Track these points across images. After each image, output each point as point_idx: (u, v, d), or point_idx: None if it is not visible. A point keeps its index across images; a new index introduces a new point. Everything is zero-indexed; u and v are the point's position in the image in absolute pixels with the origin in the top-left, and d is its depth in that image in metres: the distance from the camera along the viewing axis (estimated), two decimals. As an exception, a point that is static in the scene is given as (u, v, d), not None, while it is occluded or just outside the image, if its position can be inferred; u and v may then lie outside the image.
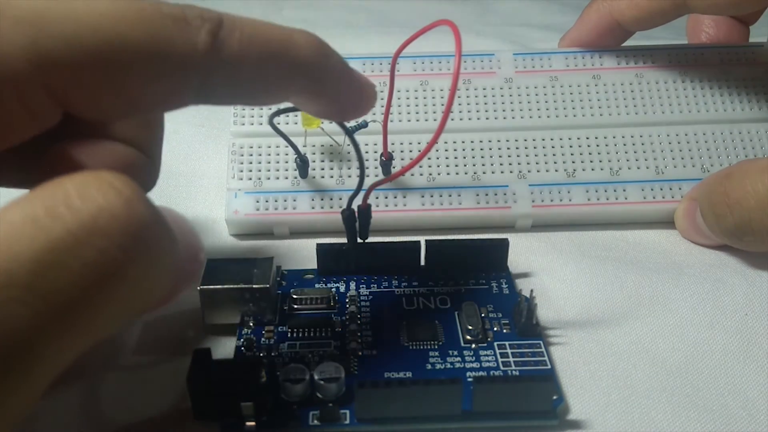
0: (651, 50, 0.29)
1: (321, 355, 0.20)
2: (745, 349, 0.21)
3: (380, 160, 0.26)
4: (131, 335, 0.21)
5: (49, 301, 0.12)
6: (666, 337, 0.21)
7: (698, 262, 0.25)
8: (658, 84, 0.29)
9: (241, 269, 0.21)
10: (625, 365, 0.20)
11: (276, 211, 0.26)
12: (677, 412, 0.19)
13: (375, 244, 0.23)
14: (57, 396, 0.19)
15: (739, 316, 0.22)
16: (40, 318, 0.12)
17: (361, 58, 0.29)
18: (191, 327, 0.22)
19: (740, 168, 0.23)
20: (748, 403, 0.19)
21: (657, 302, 0.23)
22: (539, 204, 0.26)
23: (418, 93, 0.28)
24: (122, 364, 0.20)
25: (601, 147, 0.27)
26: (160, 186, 0.29)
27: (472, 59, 0.29)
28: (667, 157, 0.27)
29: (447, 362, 0.20)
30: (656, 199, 0.26)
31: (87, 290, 0.13)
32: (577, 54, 0.29)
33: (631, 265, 0.25)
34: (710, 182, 0.24)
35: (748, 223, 0.22)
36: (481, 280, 0.23)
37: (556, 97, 0.28)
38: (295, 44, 0.17)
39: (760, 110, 0.28)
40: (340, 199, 0.26)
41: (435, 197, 0.26)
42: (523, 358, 0.20)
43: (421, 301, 0.22)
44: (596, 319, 0.22)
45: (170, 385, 0.19)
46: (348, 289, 0.23)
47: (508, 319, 0.21)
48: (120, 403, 0.19)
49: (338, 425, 0.18)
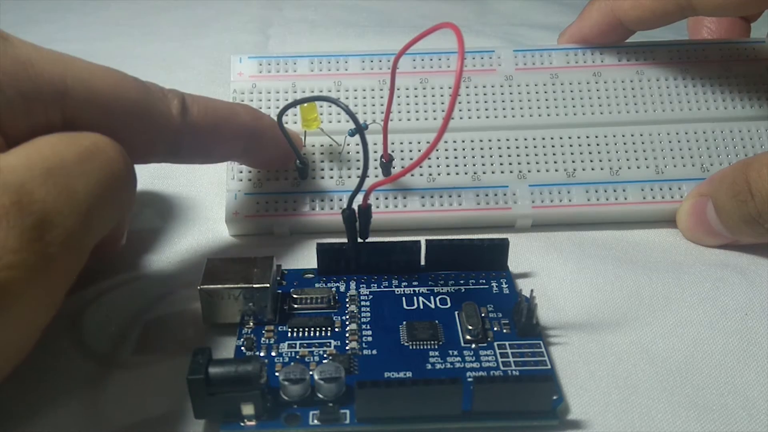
0: (652, 47, 0.29)
1: (321, 354, 0.20)
2: (745, 348, 0.21)
3: (380, 162, 0.26)
4: (131, 334, 0.21)
5: None
6: (666, 337, 0.21)
7: (698, 262, 0.25)
8: (659, 81, 0.29)
9: (241, 269, 0.21)
10: (625, 365, 0.20)
11: (276, 213, 0.26)
12: (677, 411, 0.19)
13: (375, 243, 0.23)
14: (57, 396, 0.19)
15: (739, 315, 0.22)
16: None
17: (361, 55, 0.29)
18: (191, 326, 0.22)
19: (759, 157, 0.24)
20: (748, 403, 0.19)
21: (657, 302, 0.23)
22: (539, 204, 0.26)
23: (417, 91, 0.28)
24: (122, 364, 0.20)
25: (601, 146, 0.27)
26: (161, 187, 0.29)
27: (472, 56, 0.29)
28: (667, 157, 0.27)
29: (447, 362, 0.20)
30: (656, 199, 0.26)
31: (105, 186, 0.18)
32: (578, 51, 0.29)
33: (631, 264, 0.25)
34: (727, 173, 0.24)
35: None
36: (481, 279, 0.23)
37: (556, 94, 0.28)
38: (237, 113, 0.23)
39: (761, 108, 0.28)
40: (340, 200, 0.26)
41: (435, 198, 0.26)
42: (523, 358, 0.20)
43: (421, 300, 0.22)
44: (596, 319, 0.22)
45: (170, 384, 0.19)
46: (348, 288, 0.23)
47: (508, 319, 0.21)
48: (120, 402, 0.19)
49: (338, 425, 0.18)
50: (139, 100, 0.20)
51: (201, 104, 0.22)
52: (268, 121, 0.25)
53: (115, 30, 0.48)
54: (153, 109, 0.21)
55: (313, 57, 0.29)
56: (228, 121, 0.23)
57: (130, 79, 0.21)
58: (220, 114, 0.23)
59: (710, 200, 0.25)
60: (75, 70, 0.19)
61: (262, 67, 0.29)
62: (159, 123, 0.21)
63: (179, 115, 0.21)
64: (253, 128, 0.24)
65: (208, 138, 0.22)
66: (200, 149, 0.23)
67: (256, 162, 0.26)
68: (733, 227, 0.24)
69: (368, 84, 0.28)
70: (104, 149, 0.18)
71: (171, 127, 0.21)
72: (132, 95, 0.20)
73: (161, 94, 0.21)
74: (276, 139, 0.25)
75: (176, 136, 0.21)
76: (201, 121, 0.22)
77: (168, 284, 0.24)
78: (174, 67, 0.41)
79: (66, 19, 0.50)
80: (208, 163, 0.25)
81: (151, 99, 0.21)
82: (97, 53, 0.19)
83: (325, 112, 0.28)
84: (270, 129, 0.24)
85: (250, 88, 0.28)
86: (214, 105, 0.23)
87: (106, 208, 0.18)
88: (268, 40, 0.46)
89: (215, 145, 0.23)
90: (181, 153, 0.22)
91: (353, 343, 0.21)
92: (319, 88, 0.28)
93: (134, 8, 0.52)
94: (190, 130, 0.22)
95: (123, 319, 0.22)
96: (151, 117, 0.21)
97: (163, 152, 0.22)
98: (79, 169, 0.17)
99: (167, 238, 0.26)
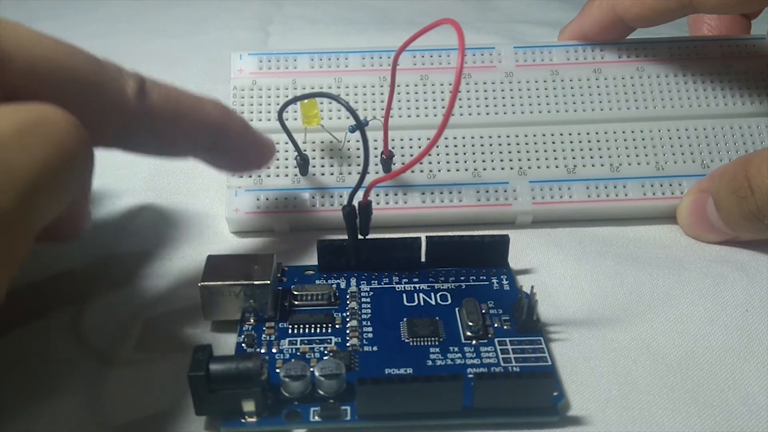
0: (652, 43, 0.29)
1: (322, 351, 0.20)
2: (745, 344, 0.21)
3: (380, 158, 0.26)
4: (132, 331, 0.21)
5: None
6: (666, 332, 0.21)
7: (699, 258, 0.25)
8: (659, 78, 0.29)
9: (242, 265, 0.21)
10: (625, 361, 0.20)
11: (276, 209, 0.26)
12: (678, 407, 0.19)
13: (376, 240, 0.23)
14: (58, 393, 0.19)
15: (739, 311, 0.22)
16: None
17: (361, 52, 0.29)
18: (192, 323, 0.22)
19: (759, 153, 0.24)
20: (748, 399, 0.19)
21: (657, 298, 0.23)
22: (540, 201, 0.26)
23: (417, 88, 0.28)
24: (123, 361, 0.20)
25: (602, 143, 0.27)
26: (161, 183, 0.29)
27: (473, 53, 0.29)
28: (667, 153, 0.27)
29: (447, 358, 0.20)
30: (656, 195, 0.26)
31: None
32: (578, 47, 0.29)
33: (631, 260, 0.25)
34: (728, 169, 0.24)
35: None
36: (481, 276, 0.23)
37: (556, 91, 0.28)
38: (203, 106, 0.21)
39: (761, 104, 0.28)
40: (340, 197, 0.26)
41: (435, 194, 0.26)
42: (524, 355, 0.20)
43: (422, 297, 0.22)
44: (597, 315, 0.22)
45: (171, 381, 0.19)
46: (349, 285, 0.23)
47: (509, 316, 0.21)
48: (121, 399, 0.19)
49: (339, 421, 0.18)
50: (90, 73, 0.18)
51: (163, 90, 0.20)
52: (237, 119, 0.23)
53: (114, 27, 0.48)
54: (105, 86, 0.19)
55: (313, 54, 0.29)
56: (191, 112, 0.21)
57: (83, 52, 0.19)
58: (183, 103, 0.21)
59: (710, 196, 0.25)
60: (16, 36, 0.17)
61: (262, 63, 0.29)
62: (110, 101, 0.19)
63: (135, 96, 0.19)
64: (219, 123, 0.22)
65: (166, 127, 0.21)
66: (156, 138, 0.21)
67: (222, 163, 0.24)
68: (733, 223, 0.24)
69: (368, 81, 0.28)
70: (53, 120, 0.16)
71: (124, 107, 0.19)
72: (82, 68, 0.18)
73: (117, 73, 0.19)
74: (245, 140, 0.23)
75: (129, 119, 0.19)
76: (160, 107, 0.20)
77: (168, 281, 0.24)
78: (174, 64, 0.41)
79: (66, 16, 0.50)
80: (166, 156, 0.23)
81: (104, 75, 0.19)
82: (97, 50, 0.19)
83: (326, 108, 0.28)
84: (238, 126, 0.22)
85: (250, 85, 0.28)
86: (177, 93, 0.21)
87: (55, 187, 0.16)
88: (269, 36, 0.46)
89: (174, 137, 0.21)
90: (135, 140, 0.21)
91: (354, 340, 0.21)
92: (319, 85, 0.28)
93: (134, 5, 0.52)
94: (146, 116, 0.20)
95: (123, 316, 0.22)
96: (102, 94, 0.19)
97: (112, 136, 0.20)
98: (18, 143, 0.15)
99: (168, 234, 0.26)
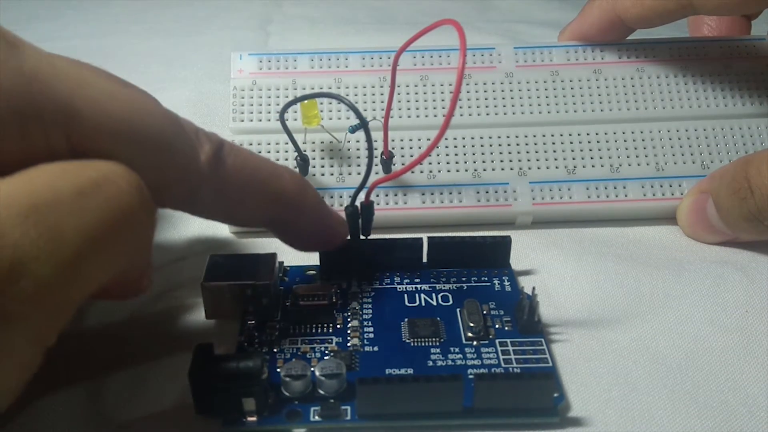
0: (652, 44, 0.29)
1: (322, 351, 0.20)
2: (745, 345, 0.21)
3: (380, 159, 0.26)
4: (133, 330, 0.21)
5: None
6: (666, 334, 0.21)
7: (699, 259, 0.25)
8: (659, 78, 0.29)
9: (244, 265, 0.21)
10: (625, 362, 0.20)
11: (277, 208, 0.26)
12: (678, 408, 0.19)
13: (377, 240, 0.23)
14: (59, 392, 0.19)
15: (739, 312, 0.22)
16: None
17: (361, 52, 0.29)
18: (193, 322, 0.22)
19: (759, 154, 0.24)
20: (748, 400, 0.19)
21: (657, 299, 0.23)
22: (540, 201, 0.26)
23: (418, 88, 0.28)
24: (124, 360, 0.20)
25: (602, 144, 0.27)
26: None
27: (473, 53, 0.29)
28: (667, 154, 0.27)
29: (448, 359, 0.20)
30: (656, 196, 0.26)
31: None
32: (578, 48, 0.29)
33: (631, 262, 0.25)
34: (728, 170, 0.24)
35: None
36: (483, 277, 0.23)
37: (557, 92, 0.28)
38: (280, 176, 0.20)
39: (761, 105, 0.28)
40: (340, 197, 0.26)
41: (435, 195, 0.26)
42: (525, 356, 0.20)
43: (423, 297, 0.22)
44: (597, 317, 0.22)
45: (172, 380, 0.19)
46: (350, 285, 0.23)
47: (510, 317, 0.21)
48: (121, 398, 0.19)
49: (339, 421, 0.18)
50: (165, 135, 0.17)
51: (239, 158, 0.19)
52: (313, 193, 0.21)
53: (114, 27, 0.48)
54: (178, 150, 0.17)
55: (313, 54, 0.29)
56: (266, 183, 0.20)
57: (162, 110, 0.17)
58: (259, 173, 0.19)
59: (710, 197, 0.25)
60: (89, 89, 0.16)
61: (262, 64, 0.29)
62: (181, 165, 0.18)
63: (208, 163, 0.18)
64: (293, 198, 0.20)
65: (237, 196, 0.19)
66: (226, 207, 0.19)
67: (289, 238, 0.22)
68: (733, 224, 0.24)
69: (369, 81, 0.28)
70: (113, 180, 0.15)
71: (194, 172, 0.18)
72: (158, 130, 0.17)
73: (193, 135, 0.18)
74: (318, 218, 0.21)
75: (197, 183, 0.18)
76: (233, 175, 0.19)
77: (170, 280, 0.24)
78: (174, 64, 0.41)
79: (66, 16, 0.50)
80: (231, 224, 0.22)
81: (180, 138, 0.18)
82: (97, 50, 0.19)
83: (326, 109, 0.28)
84: (314, 203, 0.21)
85: (250, 85, 0.28)
86: (255, 162, 0.19)
87: (108, 251, 0.15)
88: (269, 36, 0.46)
89: (244, 206, 0.20)
90: (203, 205, 0.19)
91: (355, 340, 0.21)
92: (319, 85, 0.28)
93: (134, 5, 0.52)
94: (216, 181, 0.18)
95: (125, 314, 0.22)
96: (174, 157, 0.17)
97: (179, 200, 0.18)
98: (75, 206, 0.14)
99: (170, 234, 0.26)
